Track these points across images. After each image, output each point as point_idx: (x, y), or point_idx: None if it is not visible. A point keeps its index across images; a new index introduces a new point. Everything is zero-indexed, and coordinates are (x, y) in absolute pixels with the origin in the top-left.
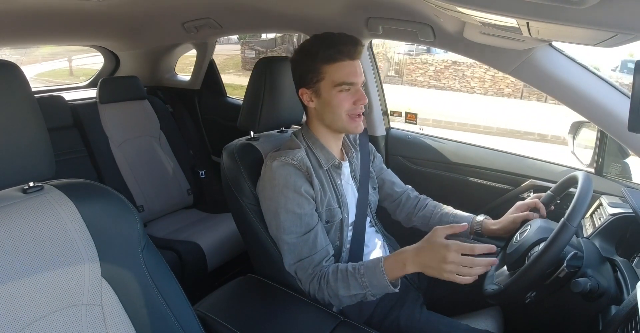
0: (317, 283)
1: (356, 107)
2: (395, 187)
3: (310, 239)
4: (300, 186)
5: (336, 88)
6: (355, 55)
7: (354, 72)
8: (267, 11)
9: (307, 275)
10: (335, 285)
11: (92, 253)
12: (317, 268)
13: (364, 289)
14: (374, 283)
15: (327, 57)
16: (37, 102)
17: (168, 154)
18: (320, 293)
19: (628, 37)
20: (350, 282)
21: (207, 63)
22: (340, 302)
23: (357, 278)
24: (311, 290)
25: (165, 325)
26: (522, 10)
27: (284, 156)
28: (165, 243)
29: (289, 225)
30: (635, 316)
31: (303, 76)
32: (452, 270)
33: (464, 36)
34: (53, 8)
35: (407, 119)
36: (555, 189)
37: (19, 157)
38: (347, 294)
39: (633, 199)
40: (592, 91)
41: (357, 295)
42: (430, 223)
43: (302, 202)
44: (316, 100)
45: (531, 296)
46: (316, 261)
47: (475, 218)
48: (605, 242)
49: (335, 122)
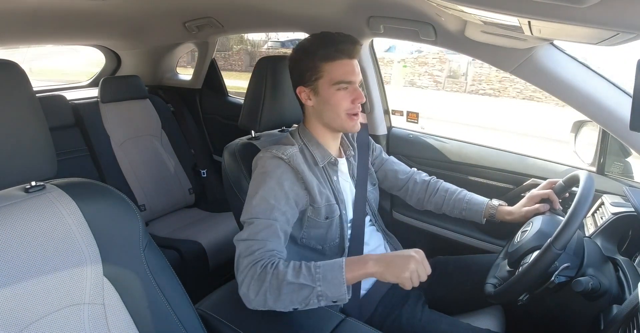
0: (261, 268)
1: (354, 106)
2: (399, 175)
3: (272, 227)
4: (284, 180)
5: (334, 86)
6: (353, 54)
7: (352, 71)
8: (268, 10)
9: (251, 255)
10: (285, 270)
11: (94, 252)
12: (265, 253)
13: (313, 282)
14: (328, 278)
15: (326, 55)
16: (39, 102)
17: (169, 153)
18: (257, 282)
19: (629, 36)
20: (302, 270)
21: (208, 62)
22: (277, 294)
23: (311, 268)
24: (247, 275)
25: (167, 323)
26: (523, 9)
27: (275, 150)
28: (166, 242)
29: (257, 210)
30: (637, 315)
31: (301, 74)
32: (413, 269)
33: (465, 35)
34: (55, 7)
35: (408, 118)
36: (566, 180)
37: (21, 156)
38: (294, 281)
39: (635, 198)
40: (594, 90)
41: (303, 289)
42: (443, 207)
43: (280, 196)
44: (314, 99)
45: (523, 299)
46: (268, 247)
47: (490, 203)
48: (607, 241)
49: (333, 121)
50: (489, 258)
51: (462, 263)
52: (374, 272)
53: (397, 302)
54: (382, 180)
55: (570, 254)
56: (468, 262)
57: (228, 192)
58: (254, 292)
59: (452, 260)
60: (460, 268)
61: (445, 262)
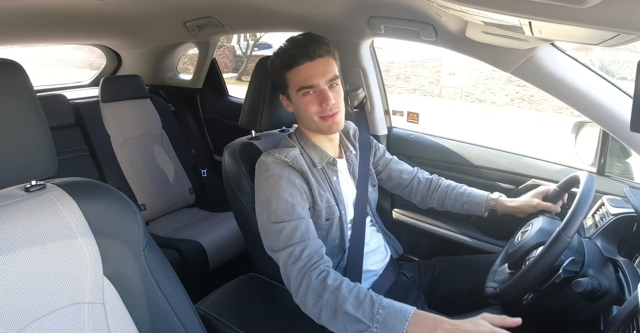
0: (317, 279)
1: (324, 109)
2: (403, 174)
3: (302, 226)
4: (294, 178)
5: (299, 92)
6: (313, 55)
7: (313, 74)
8: (269, 10)
9: (298, 261)
10: (346, 296)
11: (94, 251)
12: (312, 256)
13: (371, 322)
14: (388, 324)
15: (286, 64)
16: (40, 101)
17: (170, 153)
18: (314, 294)
19: (630, 37)
20: (365, 304)
21: (209, 62)
22: (331, 316)
23: (374, 305)
24: (302, 284)
25: (167, 323)
26: (524, 10)
27: (278, 153)
28: (167, 242)
29: (280, 213)
30: (636, 316)
31: (276, 83)
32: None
33: (466, 35)
34: (56, 7)
35: (409, 118)
36: (561, 185)
37: (21, 155)
38: (352, 313)
39: (635, 199)
40: (594, 91)
41: (359, 323)
42: (445, 203)
43: (295, 192)
44: (292, 106)
45: (528, 298)
46: (311, 247)
47: (490, 195)
48: (607, 242)
49: (310, 125)
50: (489, 258)
51: (462, 263)
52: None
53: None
54: (386, 180)
55: (573, 250)
56: (468, 262)
57: (228, 192)
58: (311, 303)
59: (452, 260)
60: (460, 269)
61: (445, 262)
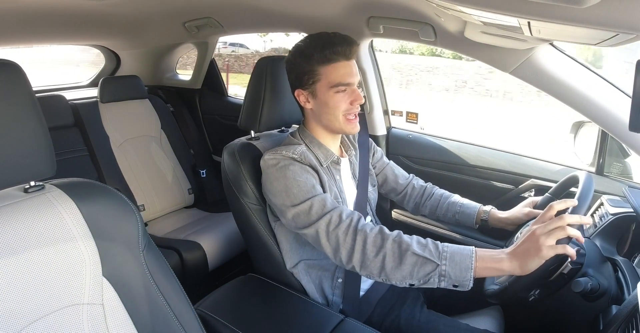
0: (373, 231)
1: (353, 108)
2: (399, 179)
3: (328, 197)
4: (305, 167)
5: (333, 89)
6: (350, 55)
7: (350, 72)
8: (268, 11)
9: (341, 222)
10: (409, 241)
11: (93, 252)
12: (353, 216)
13: (439, 260)
14: (455, 259)
15: (322, 58)
16: (38, 102)
17: (169, 154)
18: (373, 246)
19: (629, 37)
20: (429, 245)
21: (207, 62)
22: (397, 263)
23: (438, 246)
24: (356, 240)
25: (166, 324)
26: (523, 10)
27: (285, 150)
28: (166, 243)
29: (303, 193)
30: (635, 316)
31: (299, 77)
32: (549, 242)
33: (465, 36)
34: (54, 7)
35: (408, 118)
36: (554, 191)
37: (20, 156)
38: (419, 253)
39: (634, 199)
40: (593, 91)
41: (426, 264)
42: (437, 211)
43: (309, 176)
44: (313, 102)
45: (535, 294)
46: (347, 211)
47: (482, 207)
48: (606, 241)
49: (332, 123)
50: None
51: None
52: (511, 270)
53: (395, 302)
54: (381, 183)
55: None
56: None
57: (227, 192)
58: (372, 255)
59: None
60: None
61: None
